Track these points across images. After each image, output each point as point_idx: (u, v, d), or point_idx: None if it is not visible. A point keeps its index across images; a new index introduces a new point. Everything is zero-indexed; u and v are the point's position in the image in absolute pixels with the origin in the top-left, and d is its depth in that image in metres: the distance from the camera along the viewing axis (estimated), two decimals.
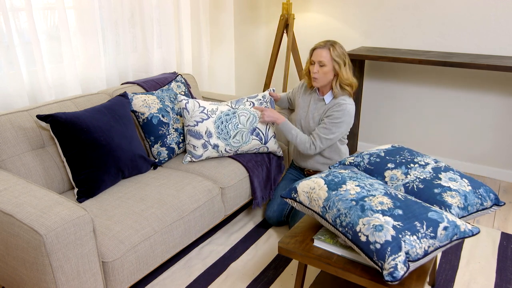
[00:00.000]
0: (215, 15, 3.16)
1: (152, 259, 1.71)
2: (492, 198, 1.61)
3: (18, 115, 1.84)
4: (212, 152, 2.22)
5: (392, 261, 1.25)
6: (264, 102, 2.31)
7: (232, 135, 2.20)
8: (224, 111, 2.22)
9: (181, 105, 2.19)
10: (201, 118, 2.18)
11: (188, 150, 2.23)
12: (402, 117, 3.25)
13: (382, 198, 1.43)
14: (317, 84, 2.17)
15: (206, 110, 2.20)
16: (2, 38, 1.93)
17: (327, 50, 2.10)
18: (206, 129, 2.18)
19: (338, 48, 2.12)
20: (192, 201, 1.91)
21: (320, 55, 2.11)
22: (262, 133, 2.27)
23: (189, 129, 2.19)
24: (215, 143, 2.19)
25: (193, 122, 2.18)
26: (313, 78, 2.16)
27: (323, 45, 2.12)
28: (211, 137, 2.18)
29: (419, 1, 2.92)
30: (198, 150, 2.19)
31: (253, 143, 2.27)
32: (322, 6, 3.31)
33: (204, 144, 2.18)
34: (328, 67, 2.11)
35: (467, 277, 1.96)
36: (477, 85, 2.89)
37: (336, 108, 2.14)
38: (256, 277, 1.96)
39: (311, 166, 2.35)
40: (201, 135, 2.17)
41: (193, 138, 2.18)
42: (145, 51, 2.66)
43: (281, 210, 2.30)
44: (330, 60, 2.10)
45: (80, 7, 2.25)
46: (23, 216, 1.37)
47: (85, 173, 1.82)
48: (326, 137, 2.16)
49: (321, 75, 2.13)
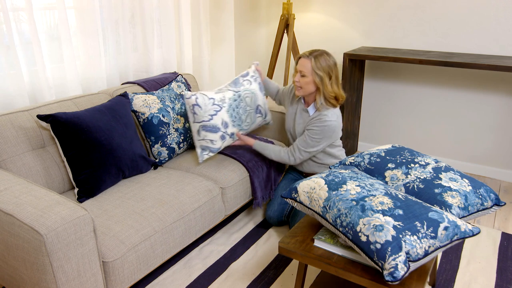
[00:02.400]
0: (216, 15, 3.16)
1: (153, 259, 1.71)
2: (493, 198, 1.61)
3: (18, 115, 1.84)
4: (229, 141, 2.19)
5: (392, 261, 1.25)
6: (256, 77, 2.32)
7: (244, 118, 2.20)
8: (231, 97, 2.17)
9: (190, 101, 2.06)
10: (215, 111, 2.08)
11: (203, 146, 2.11)
12: (402, 117, 3.25)
13: (383, 198, 1.43)
14: (299, 93, 2.13)
15: (216, 101, 2.11)
16: (2, 38, 1.93)
17: (309, 61, 2.04)
18: (222, 120, 2.10)
19: (322, 60, 2.03)
20: (192, 201, 1.91)
21: (302, 64, 2.06)
22: (263, 108, 2.32)
23: (203, 125, 2.07)
24: (231, 132, 2.16)
25: (208, 117, 2.06)
26: (296, 86, 2.13)
27: (307, 55, 2.05)
28: (227, 127, 2.12)
29: (420, 1, 2.92)
30: (216, 143, 2.11)
31: (258, 121, 2.30)
32: (323, 6, 3.31)
33: (222, 135, 2.12)
34: (309, 79, 2.05)
35: (467, 277, 1.96)
36: (478, 85, 2.89)
37: (317, 123, 2.09)
38: (256, 277, 1.96)
39: (307, 170, 2.34)
40: (218, 127, 2.09)
41: (209, 133, 2.08)
42: (146, 51, 2.66)
43: (282, 210, 2.30)
44: (311, 71, 2.04)
45: (81, 7, 2.25)
46: (24, 216, 1.37)
47: (86, 173, 1.82)
48: (305, 150, 2.13)
49: (303, 84, 2.08)
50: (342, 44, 3.32)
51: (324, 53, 2.06)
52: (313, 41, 3.44)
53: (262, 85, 2.38)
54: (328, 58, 2.06)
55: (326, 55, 2.06)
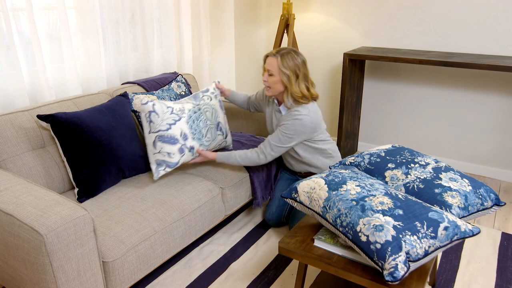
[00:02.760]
0: (216, 15, 3.16)
1: (153, 259, 1.71)
2: (493, 198, 1.61)
3: (18, 115, 1.84)
4: (188, 156, 2.01)
5: (392, 261, 1.25)
6: (216, 94, 2.21)
7: (204, 133, 2.06)
8: (191, 108, 2.04)
9: (147, 108, 1.89)
10: (173, 120, 1.94)
11: (159, 161, 1.91)
12: (402, 117, 3.25)
13: (383, 198, 1.43)
14: (268, 93, 2.07)
15: (175, 110, 1.97)
16: (2, 38, 1.93)
17: (276, 59, 1.98)
18: (181, 131, 1.95)
19: (289, 59, 1.97)
20: (192, 201, 1.91)
21: (269, 63, 2.00)
22: (224, 127, 2.22)
23: (160, 134, 1.90)
24: (191, 145, 2.00)
25: (166, 126, 1.91)
26: (265, 86, 2.07)
27: (274, 53, 1.99)
28: (187, 139, 1.97)
29: (420, 1, 2.92)
30: (174, 157, 1.93)
31: (218, 139, 2.17)
32: (323, 6, 3.31)
33: (181, 148, 1.95)
34: (276, 78, 1.99)
35: (467, 277, 1.96)
36: (478, 85, 2.89)
37: (288, 118, 2.02)
38: (256, 277, 1.96)
39: (298, 169, 2.28)
40: (177, 139, 1.93)
41: (166, 144, 1.91)
42: (146, 51, 2.66)
43: (280, 212, 2.30)
44: (277, 70, 1.98)
45: (81, 7, 2.25)
46: (24, 216, 1.37)
47: (86, 173, 1.82)
48: (277, 145, 2.04)
49: (271, 84, 2.02)
50: (342, 44, 3.32)
51: (292, 51, 2.00)
52: (313, 41, 3.44)
53: (222, 104, 2.28)
54: (296, 57, 1.99)
55: (294, 53, 1.99)
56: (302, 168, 2.26)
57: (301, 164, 2.24)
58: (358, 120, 3.38)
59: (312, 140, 2.11)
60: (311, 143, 2.13)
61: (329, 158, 2.21)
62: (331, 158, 2.22)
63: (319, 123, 2.08)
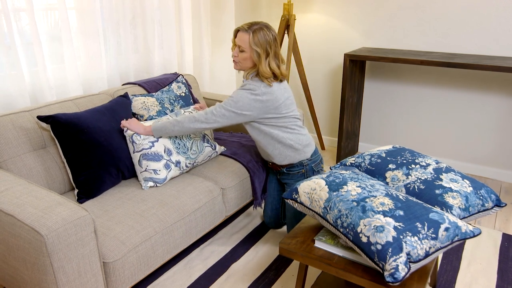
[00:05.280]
0: (216, 15, 3.16)
1: (153, 259, 1.71)
2: (494, 199, 1.60)
3: (19, 116, 1.84)
4: (175, 171, 2.02)
5: (393, 262, 1.25)
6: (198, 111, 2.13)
7: (189, 146, 2.07)
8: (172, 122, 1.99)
9: (128, 134, 1.93)
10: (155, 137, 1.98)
11: (146, 178, 1.94)
12: (403, 118, 3.25)
13: (383, 199, 1.43)
14: (236, 67, 1.96)
15: None
16: (3, 39, 1.93)
17: (248, 35, 1.85)
18: (164, 147, 1.97)
19: (261, 35, 1.85)
20: (193, 202, 1.91)
21: (240, 39, 1.88)
22: (210, 139, 2.21)
23: (144, 153, 1.93)
24: (177, 160, 2.01)
25: (148, 144, 1.94)
26: (233, 61, 1.96)
27: (246, 29, 1.86)
28: (171, 154, 1.99)
29: (420, 1, 2.92)
30: (160, 173, 1.95)
31: (207, 151, 2.18)
32: (323, 6, 3.31)
33: (166, 164, 1.97)
34: (247, 54, 1.88)
35: (468, 278, 1.96)
36: (479, 86, 2.89)
37: (240, 87, 1.90)
38: (257, 278, 1.96)
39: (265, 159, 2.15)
40: (161, 155, 1.95)
41: (151, 162, 1.93)
42: (147, 52, 2.66)
43: (276, 214, 2.29)
44: (249, 47, 1.86)
45: (82, 8, 2.25)
46: (24, 216, 1.37)
47: (86, 174, 1.82)
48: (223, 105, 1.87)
49: (241, 60, 1.91)
50: (343, 44, 3.32)
51: (264, 27, 1.88)
52: (313, 42, 3.44)
53: None
54: (268, 33, 1.87)
55: (266, 29, 1.88)
56: (266, 157, 2.12)
57: (262, 151, 2.11)
58: (358, 120, 3.38)
59: (262, 122, 1.95)
60: (262, 126, 1.96)
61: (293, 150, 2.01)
62: (296, 151, 2.02)
63: (276, 106, 1.90)
